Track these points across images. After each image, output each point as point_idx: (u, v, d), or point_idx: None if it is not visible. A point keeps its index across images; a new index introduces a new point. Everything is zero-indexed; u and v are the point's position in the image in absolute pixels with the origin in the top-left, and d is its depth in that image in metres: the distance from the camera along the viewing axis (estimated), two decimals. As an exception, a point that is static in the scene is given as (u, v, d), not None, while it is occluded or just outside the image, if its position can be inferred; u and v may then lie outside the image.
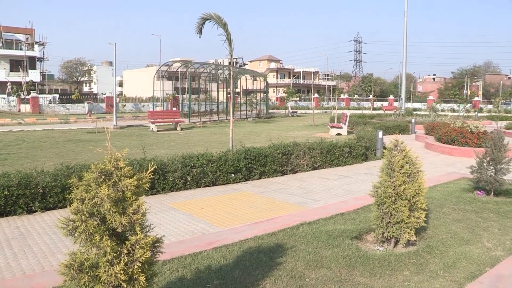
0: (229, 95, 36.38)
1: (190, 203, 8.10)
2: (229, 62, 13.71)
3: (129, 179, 2.46)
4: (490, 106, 60.05)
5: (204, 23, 11.86)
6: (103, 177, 2.44)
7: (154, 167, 2.82)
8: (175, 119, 25.48)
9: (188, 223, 6.80)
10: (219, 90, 39.12)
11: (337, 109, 30.35)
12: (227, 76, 37.10)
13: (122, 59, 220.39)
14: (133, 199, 2.48)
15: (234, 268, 4.53)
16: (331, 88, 74.23)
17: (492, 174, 7.68)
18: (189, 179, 9.22)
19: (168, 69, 39.47)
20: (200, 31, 12.09)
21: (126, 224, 2.42)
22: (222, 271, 4.46)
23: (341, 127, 22.30)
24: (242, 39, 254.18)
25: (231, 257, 4.85)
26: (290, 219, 6.42)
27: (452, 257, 4.90)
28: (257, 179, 10.37)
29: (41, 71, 64.63)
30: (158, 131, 23.43)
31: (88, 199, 2.42)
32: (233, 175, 9.88)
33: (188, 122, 30.08)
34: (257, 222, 6.52)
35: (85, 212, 2.38)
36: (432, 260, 4.82)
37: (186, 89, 39.53)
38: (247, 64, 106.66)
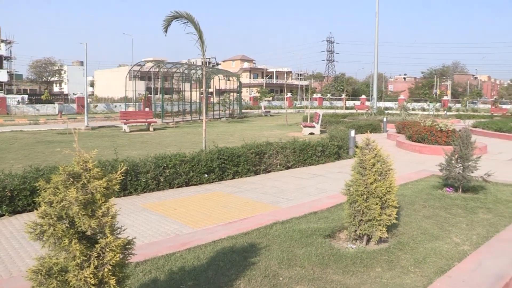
0: (202, 95, 36.23)
1: (163, 204, 8.04)
2: (202, 62, 13.60)
3: (99, 180, 2.42)
4: (458, 105, 61.36)
5: (172, 21, 11.68)
6: (72, 179, 2.40)
7: (124, 168, 2.79)
8: (148, 120, 25.25)
9: (161, 224, 6.75)
10: (192, 90, 38.93)
11: (310, 108, 30.53)
12: (200, 76, 36.92)
13: (93, 59, 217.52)
14: (103, 201, 2.44)
15: (208, 269, 4.51)
16: (304, 88, 74.70)
17: (460, 171, 7.86)
18: (162, 180, 9.14)
19: (140, 69, 39.05)
20: (166, 29, 11.89)
21: (96, 226, 2.38)
22: (195, 271, 4.43)
23: (314, 127, 22.45)
24: (215, 38, 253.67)
25: (204, 258, 4.83)
26: (264, 219, 6.44)
27: (423, 253, 4.99)
28: (231, 179, 10.36)
29: (9, 70, 63.18)
30: (130, 131, 23.17)
31: (56, 202, 2.37)
32: (206, 175, 9.85)
33: (161, 122, 29.84)
34: (231, 222, 6.51)
35: (53, 216, 2.33)
36: (403, 256, 4.89)
37: (159, 89, 39.17)
38: (220, 64, 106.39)
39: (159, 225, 6.73)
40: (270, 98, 64.81)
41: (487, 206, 7.13)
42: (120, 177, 2.60)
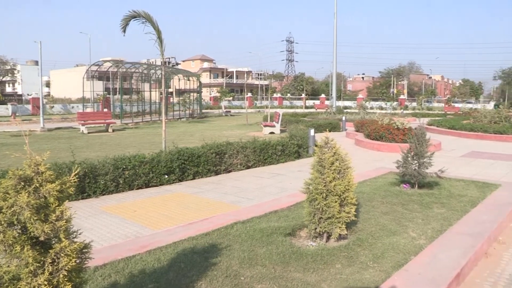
0: (161, 95, 35.88)
1: (123, 206, 7.91)
2: (161, 62, 13.44)
3: (52, 184, 2.35)
4: (414, 104, 63.09)
5: (130, 21, 11.51)
6: (23, 183, 2.32)
7: (78, 169, 2.72)
8: (107, 121, 24.77)
9: (121, 227, 6.64)
10: (152, 90, 38.47)
11: (270, 108, 30.69)
12: (160, 76, 36.53)
13: (49, 58, 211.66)
14: (56, 204, 2.37)
15: (169, 271, 4.47)
16: (264, 88, 74.99)
17: (416, 168, 8.07)
18: (121, 182, 8.99)
19: (98, 69, 38.37)
20: (125, 29, 11.71)
21: (49, 231, 2.31)
22: (156, 274, 4.38)
23: (274, 126, 22.57)
24: (174, 38, 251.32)
25: (165, 260, 4.78)
26: (224, 219, 6.43)
27: (381, 248, 5.10)
28: (191, 179, 10.30)
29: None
30: (88, 133, 22.66)
31: (6, 208, 2.28)
32: (166, 176, 9.75)
33: (120, 123, 29.34)
34: (191, 222, 6.47)
35: (2, 222, 2.25)
36: (362, 252, 4.99)
37: (118, 90, 38.45)
38: (180, 63, 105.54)
39: (119, 227, 6.62)
40: (231, 98, 64.79)
41: (441, 201, 7.36)
42: (74, 179, 2.54)
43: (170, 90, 51.40)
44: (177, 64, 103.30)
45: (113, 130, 24.03)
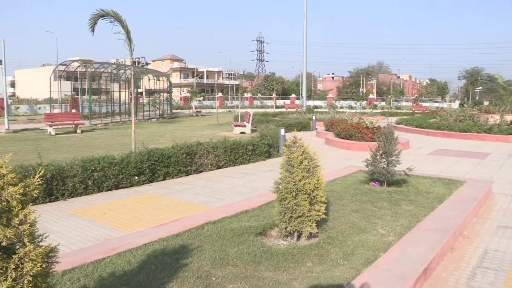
0: (131, 96, 35.42)
1: (92, 208, 7.78)
2: (131, 62, 13.30)
3: (14, 187, 2.29)
4: (383, 103, 64.13)
5: (98, 20, 11.33)
6: (-16, 187, 2.25)
7: (42, 172, 2.66)
8: (75, 122, 24.33)
9: (90, 230, 6.54)
10: (121, 90, 37.94)
11: (241, 108, 30.71)
12: (129, 76, 36.06)
13: (13, 58, 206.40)
14: (20, 208, 2.31)
15: (139, 273, 4.42)
16: (234, 87, 74.98)
17: (384, 166, 8.19)
18: (90, 184, 8.84)
19: (66, 69, 37.55)
20: (93, 28, 11.53)
21: (12, 236, 2.25)
22: (126, 276, 4.33)
23: (244, 126, 22.60)
24: (144, 38, 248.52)
25: (135, 262, 4.72)
26: (195, 219, 6.39)
27: (351, 246, 5.16)
28: (162, 180, 10.21)
29: None
30: (56, 134, 22.23)
31: (-34, 212, 2.21)
32: (136, 178, 9.64)
33: (89, 124, 28.87)
34: (162, 224, 6.40)
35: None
36: (333, 250, 5.03)
37: (86, 90, 37.79)
38: (150, 63, 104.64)
39: (88, 230, 6.52)
40: (201, 98, 64.50)
41: (409, 198, 7.49)
42: (38, 181, 2.47)
43: (140, 90, 50.95)
44: (147, 64, 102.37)
45: (82, 131, 23.62)
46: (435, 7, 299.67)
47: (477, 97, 70.98)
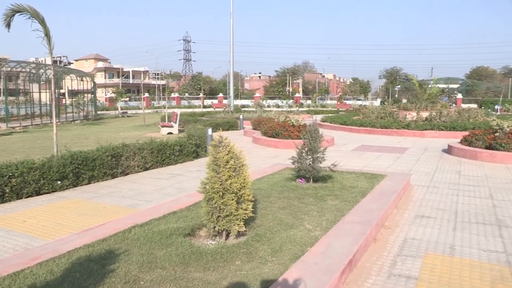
0: (52, 97, 33.91)
1: (10, 217, 7.35)
2: (51, 61, 12.72)
3: None
4: (309, 102, 65.69)
5: (13, 16, 10.72)
6: None
7: None
8: (-11, 125, 22.95)
9: (8, 240, 6.17)
10: (42, 91, 36.22)
11: (168, 108, 30.32)
12: (50, 76, 34.49)
13: None
14: None
15: (63, 282, 4.23)
16: (161, 88, 73.83)
17: (310, 163, 8.39)
18: (7, 191, 8.35)
19: (-23, 69, 35.21)
20: (9, 25, 10.90)
21: None
22: (49, 287, 4.13)
23: (172, 126, 22.34)
24: (66, 36, 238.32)
25: (59, 271, 4.51)
26: (122, 223, 6.22)
27: (279, 242, 5.23)
28: (86, 184, 9.86)
29: None
30: (-33, 139, 20.85)
31: None
32: (59, 182, 9.24)
33: (6, 127, 27.32)
34: (87, 229, 6.17)
35: None
36: (261, 247, 5.08)
37: (2, 91, 35.68)
38: (73, 63, 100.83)
39: (6, 240, 6.15)
40: (127, 99, 63.06)
41: (334, 193, 7.72)
42: None
43: (62, 91, 48.86)
44: (70, 63, 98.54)
45: (-2, 135, 22.33)
46: (358, 9, 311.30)
47: (396, 95, 74.41)
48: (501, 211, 7.57)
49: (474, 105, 47.31)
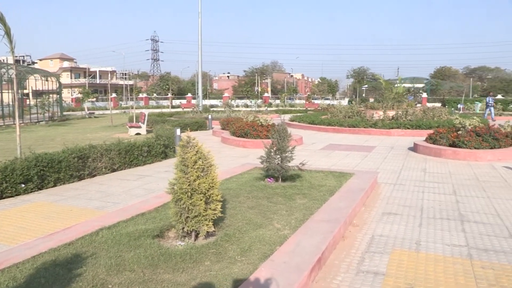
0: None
1: (-30, 222, 7.14)
2: (13, 60, 12.40)
3: None
4: (278, 101, 65.99)
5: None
6: None
7: None
8: None
9: (-32, 246, 5.99)
10: (4, 91, 35.23)
11: (136, 108, 29.97)
12: (12, 76, 33.58)
13: None
14: None
15: (27, 288, 4.14)
16: (129, 88, 72.93)
17: (279, 162, 8.43)
18: (-33, 195, 8.12)
19: None
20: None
21: None
22: (12, 294, 4.03)
23: (140, 127, 22.11)
24: (29, 35, 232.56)
25: (22, 277, 4.40)
26: (89, 225, 6.12)
27: (248, 242, 5.24)
28: (52, 187, 9.65)
29: None
30: None
31: None
32: (23, 186, 9.00)
33: (-36, 130, 26.49)
34: (53, 233, 6.04)
35: None
36: (231, 247, 5.08)
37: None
38: (37, 62, 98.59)
39: (-35, 247, 5.97)
40: (94, 99, 62.07)
41: (303, 192, 7.78)
42: None
43: (26, 91, 47.62)
44: (33, 63, 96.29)
45: (-43, 138, 21.60)
46: (323, 9, 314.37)
47: (363, 95, 75.57)
48: (464, 206, 7.80)
49: (438, 104, 48.42)
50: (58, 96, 41.06)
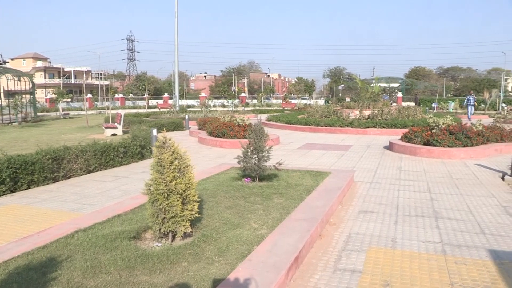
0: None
1: None
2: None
3: None
4: (255, 101, 66.06)
5: None
6: None
7: None
8: None
9: None
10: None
11: (112, 109, 29.65)
12: (-17, 77, 32.89)
13: None
14: None
15: (-1, 293, 4.06)
16: (105, 88, 72.08)
17: (256, 162, 8.45)
18: None
19: None
20: None
21: None
22: (-18, 300, 3.95)
23: (116, 127, 21.88)
24: (0, 32, 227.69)
25: (-6, 283, 4.32)
26: (64, 228, 6.03)
27: (225, 242, 5.24)
28: (26, 189, 9.47)
29: None
30: None
31: None
32: (-5, 188, 8.84)
33: None
34: (26, 236, 5.93)
35: None
36: (208, 248, 5.07)
37: None
38: (9, 62, 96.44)
39: None
40: (69, 100, 61.16)
41: (280, 192, 7.81)
42: None
43: (-3, 92, 46.65)
44: (5, 62, 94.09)
45: None
46: (299, 9, 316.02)
47: (340, 94, 76.11)
48: (438, 203, 7.95)
49: (413, 103, 49.16)
50: (31, 96, 40.29)
